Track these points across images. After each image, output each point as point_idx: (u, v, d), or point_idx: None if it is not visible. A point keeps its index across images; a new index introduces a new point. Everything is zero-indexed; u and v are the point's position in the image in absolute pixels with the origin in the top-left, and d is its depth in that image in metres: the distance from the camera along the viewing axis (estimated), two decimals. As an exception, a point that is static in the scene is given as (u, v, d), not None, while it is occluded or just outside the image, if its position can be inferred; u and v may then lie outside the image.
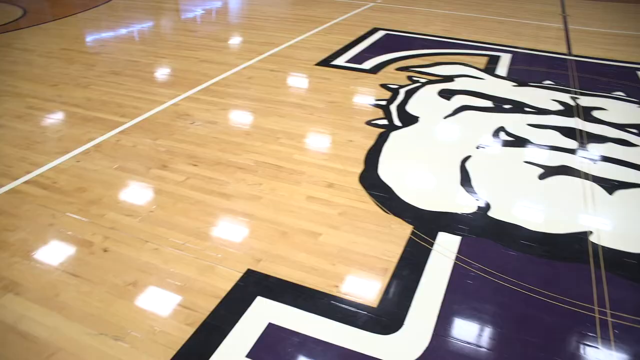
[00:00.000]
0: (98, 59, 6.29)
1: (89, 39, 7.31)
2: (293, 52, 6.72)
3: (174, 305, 2.53)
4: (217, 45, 7.00)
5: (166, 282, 2.68)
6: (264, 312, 2.51)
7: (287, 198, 3.43)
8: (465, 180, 3.72)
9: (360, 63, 6.29)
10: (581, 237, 3.20)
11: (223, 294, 2.61)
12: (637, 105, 5.37)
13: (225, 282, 2.69)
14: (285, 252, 2.93)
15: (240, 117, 4.69)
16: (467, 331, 2.46)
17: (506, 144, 4.32)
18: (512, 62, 6.63)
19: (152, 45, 6.97)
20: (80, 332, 2.37)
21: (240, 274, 2.74)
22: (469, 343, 2.39)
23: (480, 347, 2.38)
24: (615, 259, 3.03)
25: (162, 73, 5.84)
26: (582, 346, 2.43)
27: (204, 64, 6.13)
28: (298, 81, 5.70)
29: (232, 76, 5.71)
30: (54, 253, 2.89)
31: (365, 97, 5.25)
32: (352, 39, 7.41)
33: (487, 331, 2.48)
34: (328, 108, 4.91)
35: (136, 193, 3.47)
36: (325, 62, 6.27)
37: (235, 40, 7.37)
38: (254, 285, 2.68)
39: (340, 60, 6.36)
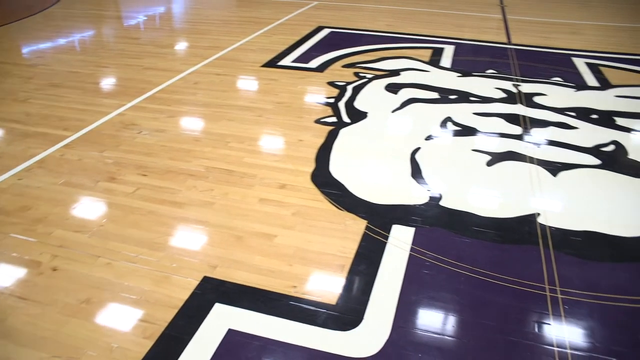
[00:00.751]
0: (36, 71, 6.07)
1: (24, 50, 7.05)
2: (239, 54, 6.67)
3: (131, 320, 2.48)
4: (161, 51, 6.87)
5: (121, 297, 2.62)
6: (223, 318, 2.49)
7: (240, 202, 3.41)
8: (416, 171, 3.79)
9: (306, 62, 6.31)
10: (529, 220, 3.31)
11: (180, 304, 2.57)
12: (574, 90, 5.59)
13: (182, 291, 2.65)
14: (241, 256, 2.91)
15: (189, 124, 4.63)
16: (426, 320, 2.51)
17: (454, 133, 4.42)
18: (456, 54, 6.79)
19: (93, 54, 6.78)
20: (33, 358, 2.28)
21: (197, 282, 2.71)
22: (428, 331, 2.44)
23: (439, 334, 2.43)
24: (562, 237, 3.15)
25: (105, 83, 5.69)
26: (535, 324, 2.51)
27: (149, 71, 6.02)
28: (245, 84, 5.66)
29: (178, 82, 5.63)
30: (-1, 276, 2.79)
31: (313, 95, 5.27)
32: (298, 38, 7.42)
33: (445, 318, 2.53)
34: (277, 109, 4.90)
35: (85, 208, 3.38)
36: (272, 63, 6.25)
37: (179, 46, 7.26)
38: (212, 292, 2.65)
39: (286, 61, 6.36)
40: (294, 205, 3.37)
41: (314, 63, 6.27)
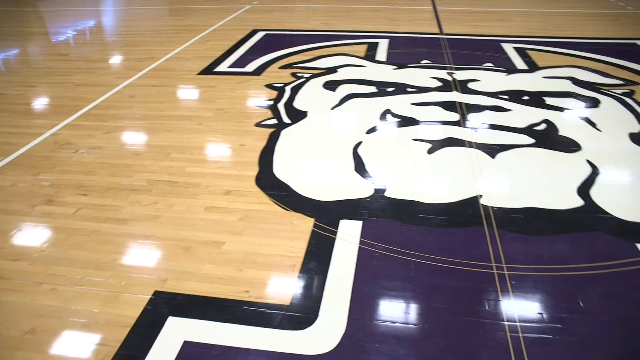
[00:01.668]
0: (-40, 98, 5.78)
1: (-54, 77, 6.70)
2: (174, 64, 6.56)
3: (82, 345, 2.40)
4: (93, 67, 6.67)
5: (70, 322, 2.53)
6: (178, 331, 2.45)
7: (186, 213, 3.36)
8: (360, 166, 3.84)
9: (243, 67, 6.27)
10: (473, 202, 3.41)
11: (133, 322, 2.51)
12: (506, 74, 5.80)
13: (133, 309, 2.59)
14: (191, 267, 2.87)
15: (127, 138, 4.52)
16: (380, 310, 2.55)
17: (394, 125, 4.50)
18: (391, 47, 6.92)
19: (20, 74, 6.51)
20: (-23, 395, 2.18)
21: (148, 298, 2.65)
22: (384, 321, 2.48)
23: (395, 323, 2.48)
24: (504, 216, 3.27)
25: (35, 103, 5.48)
26: (486, 302, 2.60)
27: (81, 88, 5.83)
28: (183, 93, 5.58)
29: (113, 97, 5.48)
30: None
31: (253, 99, 5.25)
32: (233, 43, 7.37)
33: (400, 307, 2.58)
34: (216, 116, 4.85)
35: (23, 235, 3.24)
36: (208, 71, 6.19)
37: (112, 60, 7.07)
38: (164, 306, 2.60)
39: (223, 67, 6.30)
40: (241, 211, 3.35)
41: (251, 67, 6.24)
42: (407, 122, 4.54)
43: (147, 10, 10.59)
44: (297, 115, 4.75)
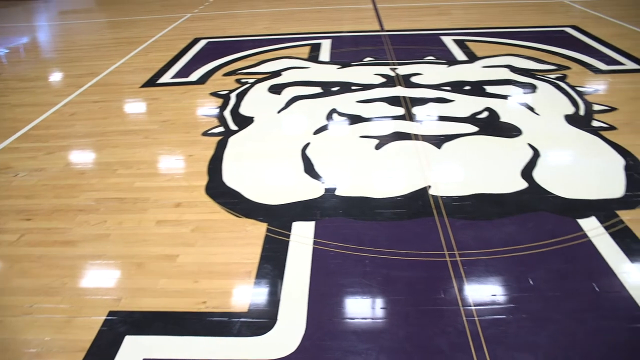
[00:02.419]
0: None
1: None
2: (115, 78, 6.41)
3: (34, 374, 2.33)
4: (29, 85, 6.44)
5: (20, 353, 2.44)
6: (135, 349, 2.40)
7: (136, 228, 3.30)
8: (309, 167, 3.85)
9: (186, 76, 6.19)
10: (422, 193, 3.48)
11: (88, 345, 2.45)
12: (446, 66, 5.94)
13: (87, 332, 2.52)
14: (145, 283, 2.82)
15: (71, 157, 4.39)
16: (338, 308, 2.57)
17: (340, 124, 4.54)
18: (333, 47, 6.97)
19: (-48, 100, 6.23)
20: None
21: (103, 319, 2.59)
22: (343, 318, 2.50)
23: (354, 319, 2.50)
24: (453, 204, 3.35)
25: (-31, 129, 5.25)
26: (441, 290, 2.66)
27: (18, 108, 5.62)
28: (126, 107, 5.46)
29: (53, 116, 5.31)
30: None
31: (198, 108, 5.19)
32: (175, 53, 7.26)
33: (357, 302, 2.61)
34: (162, 128, 4.77)
35: (-36, 266, 3.11)
36: (151, 82, 6.08)
37: (49, 77, 6.85)
38: (120, 325, 2.54)
39: (166, 78, 6.20)
40: (193, 222, 3.31)
41: (195, 76, 6.16)
42: (353, 119, 4.59)
43: (83, 24, 10.31)
44: (244, 121, 4.72)
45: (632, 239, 2.98)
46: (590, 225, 3.11)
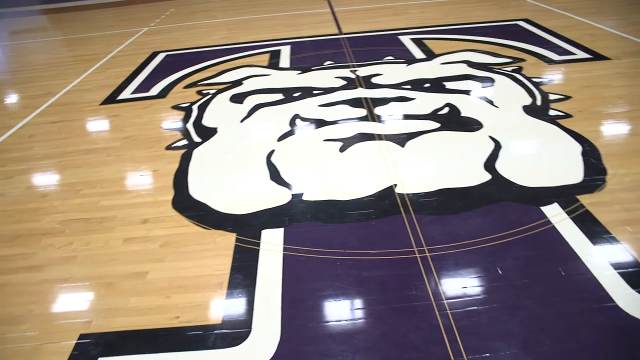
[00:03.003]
0: None
1: None
2: (74, 97, 6.28)
3: (4, 406, 2.26)
4: (-17, 110, 6.27)
5: (-12, 385, 2.38)
6: (109, 372, 2.36)
7: (104, 248, 3.24)
8: (275, 174, 3.85)
9: (147, 91, 6.11)
10: (388, 192, 3.51)
11: (59, 371, 2.39)
12: (406, 65, 6.02)
13: (58, 358, 2.47)
14: (116, 302, 2.77)
15: (31, 181, 4.29)
16: (312, 312, 2.57)
17: (304, 129, 4.55)
18: (293, 53, 6.99)
19: None
20: None
21: (73, 343, 2.53)
22: (317, 322, 2.51)
23: (328, 321, 2.51)
24: (420, 201, 3.39)
25: None
26: (413, 286, 2.69)
27: (-28, 135, 5.47)
28: (86, 126, 5.36)
29: (9, 139, 5.17)
30: None
31: (160, 123, 5.12)
32: (133, 68, 7.16)
33: (330, 305, 2.61)
34: (124, 145, 4.70)
35: None
36: (111, 99, 5.98)
37: (4, 99, 6.67)
38: (92, 348, 2.50)
39: (126, 94, 6.11)
40: (161, 237, 3.27)
41: (155, 90, 6.09)
42: (316, 123, 4.61)
43: (37, 43, 10.07)
44: (207, 133, 4.69)
45: (592, 222, 3.07)
46: (553, 212, 3.19)
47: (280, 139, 4.40)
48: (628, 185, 3.42)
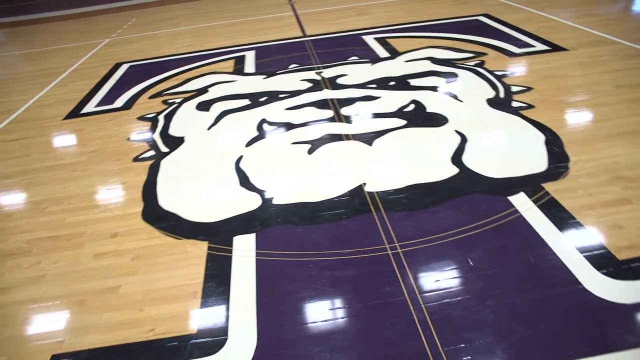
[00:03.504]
0: None
1: None
2: (35, 112, 6.15)
3: None
4: (-58, 132, 6.08)
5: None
6: (84, 390, 2.32)
7: (74, 265, 3.18)
8: (244, 179, 3.84)
9: (111, 103, 6.01)
10: (358, 191, 3.53)
11: (32, 395, 2.34)
12: (370, 64, 6.06)
13: (30, 380, 2.41)
14: (89, 319, 2.72)
15: (-5, 201, 4.19)
16: (288, 315, 2.57)
17: (271, 133, 4.55)
18: (258, 57, 6.97)
19: None
20: None
21: (46, 365, 2.48)
22: (293, 325, 2.51)
23: (304, 323, 2.51)
24: (389, 198, 3.41)
25: None
26: (386, 283, 2.71)
27: None
28: (50, 142, 5.24)
29: (-30, 160, 5.04)
30: None
31: (126, 135, 5.05)
32: (97, 81, 7.04)
33: (305, 307, 2.62)
34: (90, 159, 4.62)
35: None
36: (75, 113, 5.86)
37: (-37, 121, 6.49)
38: (65, 368, 2.45)
39: (90, 107, 5.99)
40: (132, 250, 3.23)
41: (120, 102, 6.00)
42: (284, 127, 4.61)
43: (-5, 61, 9.86)
44: (174, 142, 4.64)
45: (558, 209, 3.14)
46: (520, 201, 3.25)
47: (249, 144, 4.38)
48: (590, 170, 3.52)
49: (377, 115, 4.61)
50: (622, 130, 4.00)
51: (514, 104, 4.61)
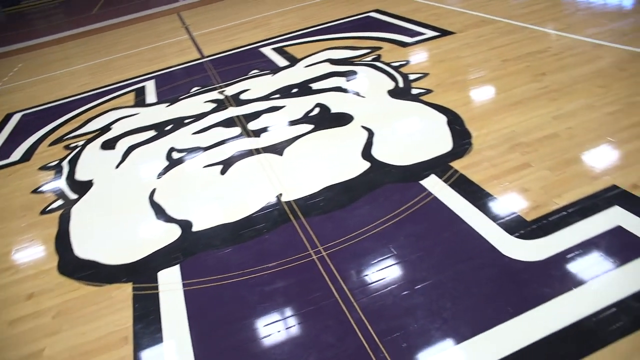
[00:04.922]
0: None
1: None
2: None
3: None
4: None
5: None
6: None
7: (-11, 337, 2.98)
8: (159, 212, 3.74)
9: (7, 157, 5.61)
10: (275, 203, 3.54)
11: None
12: (271, 75, 6.09)
13: None
14: (15, 391, 2.56)
15: None
16: (224, 341, 2.54)
17: (181, 160, 4.46)
18: (158, 86, 6.82)
19: None
20: None
21: None
22: (231, 350, 2.47)
23: (242, 346, 2.48)
24: (307, 204, 3.45)
25: None
26: (316, 289, 2.72)
27: None
28: (-53, 210, 4.88)
29: None
30: None
31: (29, 188, 4.76)
32: (-12, 137, 6.61)
33: (241, 328, 2.59)
34: (-9, 221, 4.34)
35: None
36: (-31, 175, 5.48)
37: None
38: None
39: (-16, 166, 5.62)
40: (52, 308, 3.06)
41: (17, 155, 5.63)
42: (193, 152, 4.53)
43: None
44: (83, 187, 4.44)
45: (468, 184, 3.30)
46: (432, 183, 3.39)
47: (160, 175, 4.27)
48: (491, 142, 3.72)
49: (284, 124, 4.64)
50: (514, 101, 4.25)
51: (414, 91, 4.79)
